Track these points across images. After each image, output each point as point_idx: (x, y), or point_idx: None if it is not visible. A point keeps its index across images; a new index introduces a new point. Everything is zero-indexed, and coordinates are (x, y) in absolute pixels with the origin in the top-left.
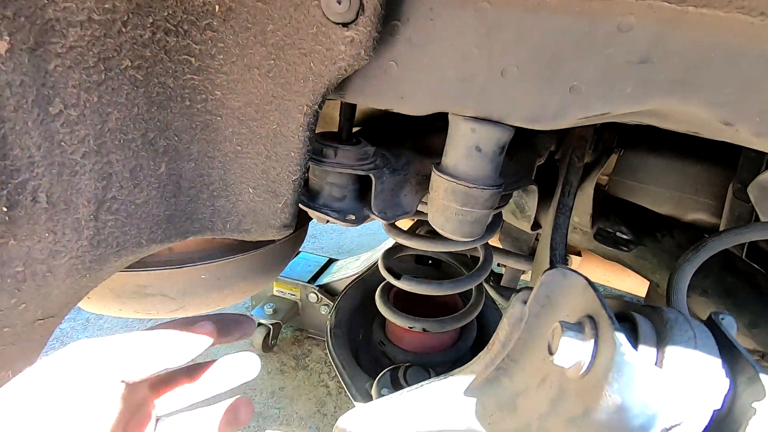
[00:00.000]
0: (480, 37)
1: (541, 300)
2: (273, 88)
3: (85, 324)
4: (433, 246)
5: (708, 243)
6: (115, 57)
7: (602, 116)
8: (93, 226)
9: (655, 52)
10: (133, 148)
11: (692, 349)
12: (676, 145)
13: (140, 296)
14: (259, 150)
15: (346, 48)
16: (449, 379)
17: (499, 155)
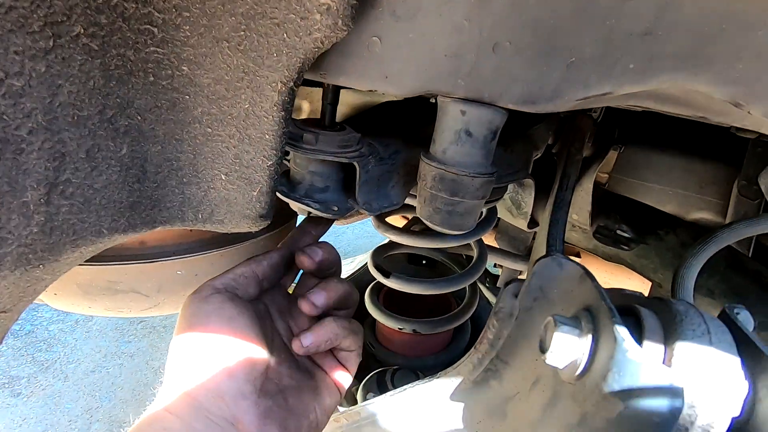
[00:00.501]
0: (470, 8)
1: (533, 292)
2: (244, 62)
3: (73, 326)
4: (424, 242)
5: (717, 236)
6: (65, 22)
7: (603, 97)
8: (44, 211)
9: (661, 22)
10: (89, 126)
11: (707, 346)
12: (679, 142)
13: (111, 293)
14: (230, 132)
15: (322, 17)
16: (434, 382)
17: (491, 141)
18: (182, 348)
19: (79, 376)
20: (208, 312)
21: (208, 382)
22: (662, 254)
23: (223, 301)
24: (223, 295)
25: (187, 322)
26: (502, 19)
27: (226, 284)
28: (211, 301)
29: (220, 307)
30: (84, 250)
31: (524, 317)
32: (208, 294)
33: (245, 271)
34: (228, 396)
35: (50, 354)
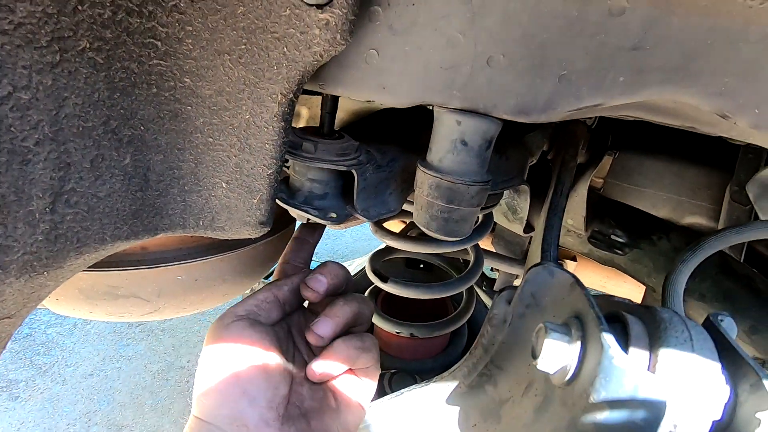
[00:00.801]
0: (465, 23)
1: (525, 299)
2: (245, 74)
3: (71, 329)
4: (421, 247)
5: (707, 241)
6: (72, 37)
7: (594, 108)
8: (49, 219)
9: (649, 37)
10: (93, 136)
11: (689, 352)
12: (672, 148)
13: (112, 298)
14: (232, 142)
15: (321, 32)
16: (431, 386)
17: (486, 150)
18: (205, 377)
19: (77, 379)
20: (228, 339)
21: (231, 410)
22: (655, 259)
23: (244, 328)
24: (244, 322)
25: (210, 351)
26: (495, 33)
27: (248, 311)
28: (232, 328)
29: (240, 334)
30: (87, 257)
31: (517, 323)
32: (230, 321)
33: (267, 297)
34: (251, 424)
35: (48, 357)
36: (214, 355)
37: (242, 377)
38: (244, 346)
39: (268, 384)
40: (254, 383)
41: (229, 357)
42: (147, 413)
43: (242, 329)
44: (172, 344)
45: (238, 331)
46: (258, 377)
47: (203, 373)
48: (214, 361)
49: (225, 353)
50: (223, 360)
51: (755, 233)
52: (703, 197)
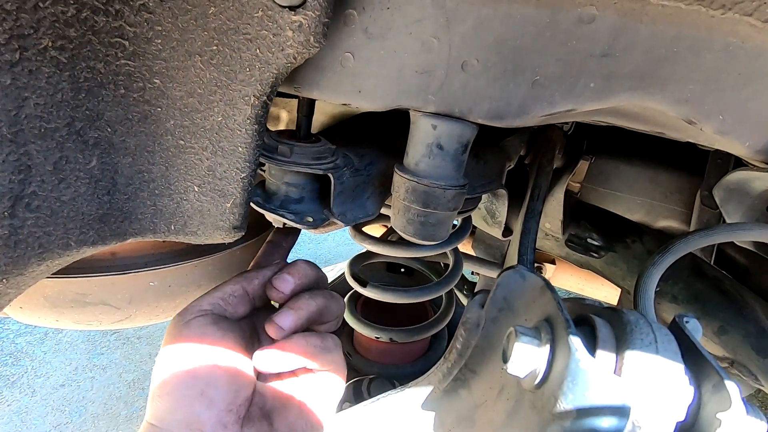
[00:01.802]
0: (439, 28)
1: (498, 303)
2: (216, 76)
3: (42, 338)
4: (400, 252)
5: (674, 246)
6: (32, 35)
7: (567, 113)
8: (9, 224)
9: (618, 44)
10: (56, 138)
11: (653, 354)
12: (647, 153)
13: (79, 305)
14: (203, 144)
15: (294, 34)
16: (406, 391)
17: (462, 154)
18: (161, 379)
19: (47, 390)
20: (189, 338)
21: (186, 414)
22: (629, 262)
23: (206, 325)
24: (207, 318)
25: (168, 350)
26: (469, 38)
27: (213, 304)
28: (193, 324)
29: (202, 331)
30: (51, 264)
31: (490, 327)
32: (191, 318)
33: (235, 290)
34: (207, 427)
35: (17, 368)
36: (171, 355)
37: (201, 378)
38: (205, 345)
39: (229, 386)
40: (214, 384)
41: (188, 357)
42: (121, 424)
43: (205, 326)
44: (149, 352)
45: (200, 329)
46: (219, 378)
47: (159, 374)
48: (171, 362)
49: (184, 353)
50: (181, 360)
51: (721, 236)
52: (675, 201)
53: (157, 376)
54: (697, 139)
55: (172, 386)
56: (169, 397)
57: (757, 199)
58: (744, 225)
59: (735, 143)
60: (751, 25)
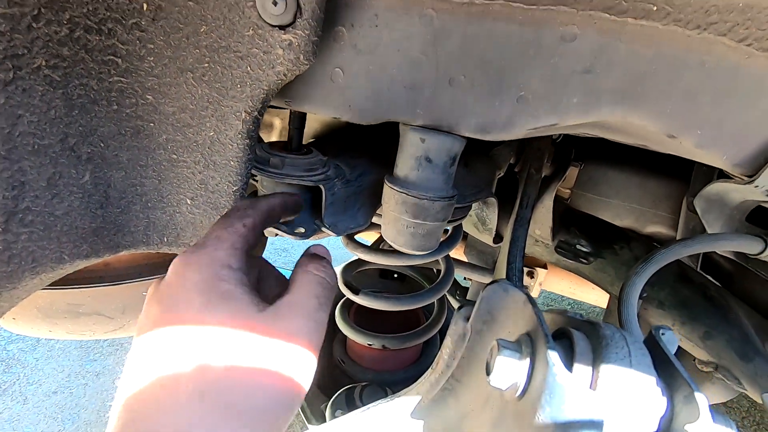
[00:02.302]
0: (426, 45)
1: (483, 316)
2: (208, 92)
3: (34, 345)
4: (391, 260)
5: (656, 256)
6: (26, 55)
7: (552, 127)
8: (2, 240)
9: (599, 62)
10: (50, 154)
11: (627, 368)
12: (635, 160)
13: (73, 316)
14: (196, 158)
15: (284, 52)
16: (396, 400)
17: (451, 166)
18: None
19: (39, 398)
20: (241, 319)
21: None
22: (617, 268)
23: (248, 305)
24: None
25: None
26: (456, 55)
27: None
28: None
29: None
30: (44, 277)
31: (475, 339)
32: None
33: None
34: None
35: (8, 375)
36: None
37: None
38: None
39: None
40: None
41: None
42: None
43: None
44: None
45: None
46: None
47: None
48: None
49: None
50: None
51: (701, 246)
52: (663, 207)
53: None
54: (677, 152)
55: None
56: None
57: (736, 209)
58: (724, 235)
59: (713, 156)
60: (726, 45)
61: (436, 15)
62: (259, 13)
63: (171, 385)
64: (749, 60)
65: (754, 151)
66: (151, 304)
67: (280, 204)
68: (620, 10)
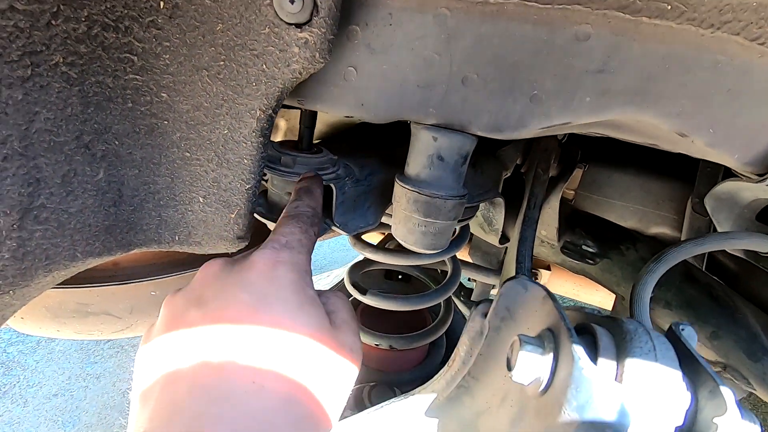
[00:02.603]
0: (440, 44)
1: (501, 312)
2: (223, 90)
3: (34, 347)
4: (399, 260)
5: (668, 254)
6: (44, 52)
7: (563, 126)
8: (17, 237)
9: (612, 61)
10: (65, 151)
11: (652, 362)
12: (639, 161)
13: (81, 315)
14: (209, 156)
15: (300, 50)
16: (410, 398)
17: (462, 165)
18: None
19: (40, 400)
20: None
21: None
22: (624, 268)
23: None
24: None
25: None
26: (469, 54)
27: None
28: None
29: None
30: (57, 275)
31: (493, 336)
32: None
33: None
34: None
35: (8, 378)
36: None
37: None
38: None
39: None
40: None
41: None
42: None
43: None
44: None
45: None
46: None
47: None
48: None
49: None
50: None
51: (713, 245)
52: (667, 208)
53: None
54: (688, 151)
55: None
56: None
57: (746, 208)
58: (735, 234)
59: (725, 155)
60: (739, 44)
61: (450, 14)
62: (275, 11)
63: (256, 390)
64: (762, 59)
65: (766, 150)
66: (231, 289)
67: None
68: (634, 9)
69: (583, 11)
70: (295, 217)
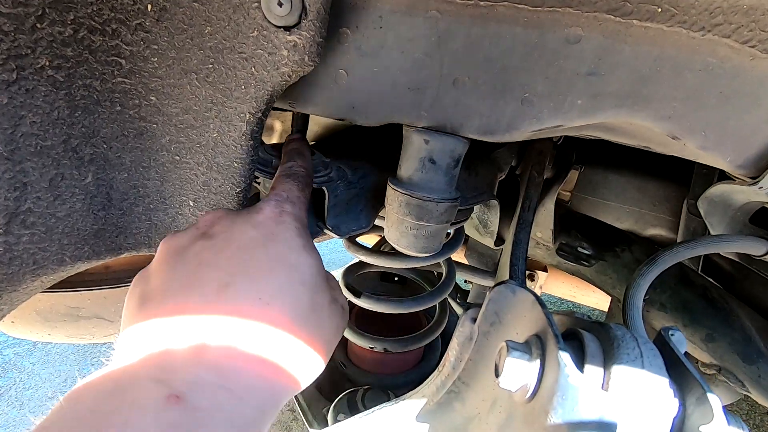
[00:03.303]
0: (431, 46)
1: (490, 318)
2: (212, 93)
3: (30, 350)
4: (394, 262)
5: (660, 257)
6: (30, 55)
7: (555, 129)
8: (3, 241)
9: (603, 64)
10: (52, 155)
11: (639, 369)
12: (634, 162)
13: (72, 319)
14: (199, 160)
15: (289, 53)
16: (401, 403)
17: (454, 168)
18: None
19: (36, 403)
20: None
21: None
22: (619, 270)
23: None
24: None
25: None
26: (460, 56)
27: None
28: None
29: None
30: (45, 279)
31: (483, 341)
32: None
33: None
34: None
35: (4, 380)
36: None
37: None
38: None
39: None
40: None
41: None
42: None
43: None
44: None
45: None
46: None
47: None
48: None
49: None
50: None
51: (706, 248)
52: (663, 210)
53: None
54: (681, 154)
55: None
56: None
57: (739, 211)
58: (728, 237)
59: (717, 158)
60: (730, 47)
61: (441, 17)
62: (264, 14)
63: (262, 306)
64: (753, 62)
65: (758, 153)
66: (241, 227)
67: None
68: (625, 12)
69: (574, 14)
70: (291, 176)
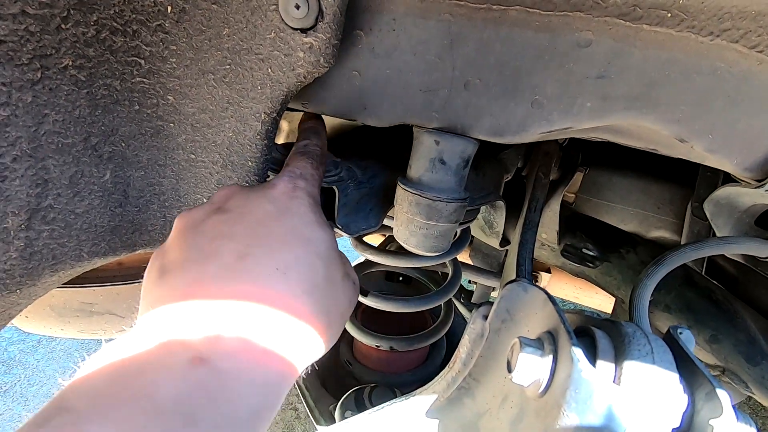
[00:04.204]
0: (443, 49)
1: (501, 315)
2: (229, 94)
3: (35, 346)
4: (401, 262)
5: (667, 258)
6: (54, 55)
7: (564, 131)
8: (24, 237)
9: (613, 67)
10: (73, 153)
11: (650, 365)
12: (639, 165)
13: (85, 315)
14: (214, 159)
15: (305, 54)
16: (411, 400)
17: (464, 168)
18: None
19: (41, 399)
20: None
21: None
22: (624, 272)
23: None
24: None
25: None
26: (472, 59)
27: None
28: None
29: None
30: (63, 274)
31: (494, 338)
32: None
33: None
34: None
35: (9, 376)
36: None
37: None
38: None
39: None
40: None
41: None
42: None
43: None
44: None
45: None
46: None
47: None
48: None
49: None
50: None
51: (712, 249)
52: (667, 212)
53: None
54: (688, 156)
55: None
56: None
57: (745, 213)
58: (734, 238)
59: (724, 161)
60: (738, 51)
61: (453, 20)
62: (281, 17)
63: (280, 274)
64: (761, 66)
65: (765, 156)
66: (256, 201)
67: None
68: (635, 17)
69: (585, 18)
70: (306, 154)
